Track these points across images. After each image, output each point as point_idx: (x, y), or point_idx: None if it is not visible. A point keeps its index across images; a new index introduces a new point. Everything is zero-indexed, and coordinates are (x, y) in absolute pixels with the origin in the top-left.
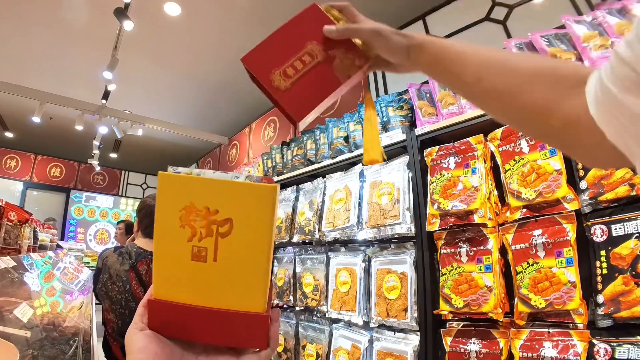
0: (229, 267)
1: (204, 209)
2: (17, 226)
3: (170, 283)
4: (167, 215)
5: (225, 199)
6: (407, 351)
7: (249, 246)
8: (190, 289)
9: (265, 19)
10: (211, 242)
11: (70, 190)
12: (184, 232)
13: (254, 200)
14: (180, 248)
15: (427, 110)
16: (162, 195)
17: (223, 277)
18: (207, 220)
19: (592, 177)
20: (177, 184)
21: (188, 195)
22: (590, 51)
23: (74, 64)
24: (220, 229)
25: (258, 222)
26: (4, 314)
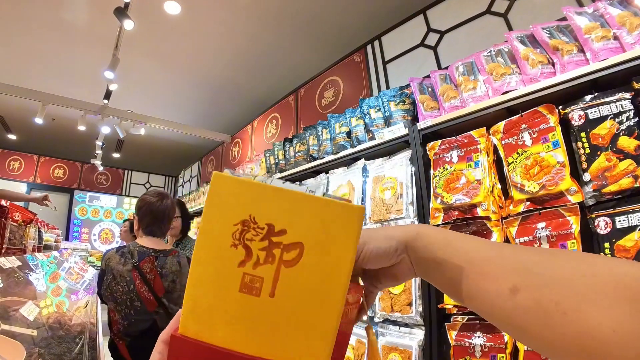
0: (290, 307)
1: (267, 227)
2: (22, 226)
3: (206, 317)
4: (216, 229)
5: (297, 217)
6: (412, 345)
7: (320, 282)
8: (231, 328)
9: (266, 16)
10: (270, 270)
11: (73, 191)
12: (236, 254)
13: (338, 222)
14: (226, 273)
15: (429, 104)
16: (213, 202)
17: (279, 319)
18: (269, 242)
19: (595, 170)
20: (236, 189)
21: (248, 206)
22: (592, 43)
23: (75, 65)
24: (285, 255)
25: (338, 251)
26: (11, 313)
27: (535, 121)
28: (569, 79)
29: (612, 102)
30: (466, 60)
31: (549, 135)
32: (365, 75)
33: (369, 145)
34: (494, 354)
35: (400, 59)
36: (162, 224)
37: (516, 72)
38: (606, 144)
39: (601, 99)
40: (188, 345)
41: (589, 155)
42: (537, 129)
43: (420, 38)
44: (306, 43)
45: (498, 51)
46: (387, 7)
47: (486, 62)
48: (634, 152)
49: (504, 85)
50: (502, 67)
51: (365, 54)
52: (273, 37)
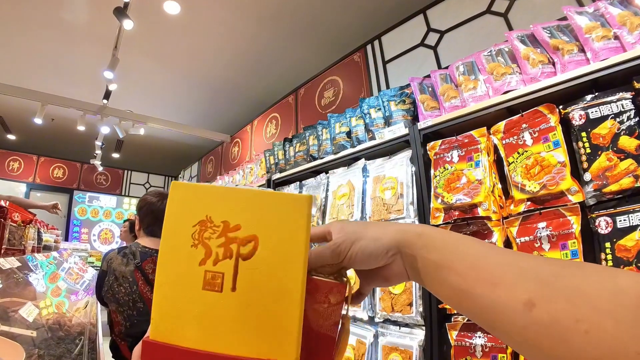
0: (252, 299)
1: (222, 224)
2: (21, 227)
3: (174, 319)
4: (177, 232)
5: (248, 212)
6: (412, 346)
7: (278, 271)
8: (199, 327)
9: (265, 15)
10: (230, 265)
11: (73, 191)
12: (196, 253)
13: (287, 213)
14: (189, 273)
15: (429, 104)
16: (172, 208)
17: (243, 313)
18: (225, 238)
19: (596, 169)
20: (192, 193)
21: (204, 207)
22: (593, 42)
23: (75, 65)
24: (241, 249)
25: (290, 240)
26: (10, 314)
27: (536, 121)
28: (570, 79)
29: (613, 102)
30: (466, 60)
31: (549, 134)
32: (365, 75)
33: (369, 145)
34: (495, 354)
35: (400, 58)
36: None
37: (517, 72)
38: (607, 143)
39: (602, 99)
40: (159, 350)
41: (589, 155)
42: (537, 129)
43: (420, 38)
44: (306, 43)
45: (498, 51)
46: (387, 7)
47: (486, 62)
48: (634, 151)
49: (504, 85)
50: (503, 66)
51: (365, 54)
52: (272, 36)
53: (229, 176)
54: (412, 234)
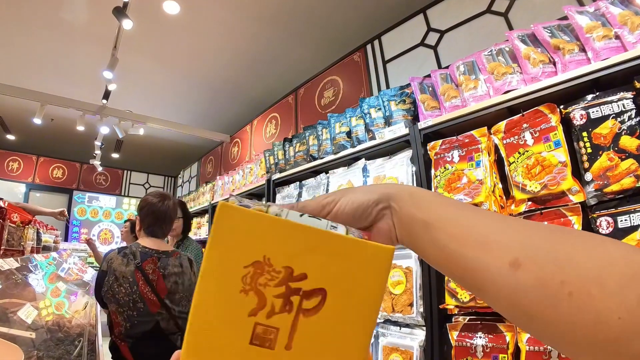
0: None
1: (284, 270)
2: (20, 227)
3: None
4: (223, 271)
5: (319, 258)
6: (413, 346)
7: (344, 331)
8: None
9: (265, 15)
10: (287, 320)
11: (72, 191)
12: (246, 301)
13: (366, 265)
14: (235, 323)
15: (429, 104)
16: (219, 239)
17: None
18: (286, 288)
19: (597, 169)
20: (247, 224)
21: (262, 246)
22: (594, 42)
23: (74, 65)
24: (305, 303)
25: (363, 298)
26: (9, 315)
27: (537, 121)
28: (571, 78)
29: (614, 102)
30: (467, 60)
31: (550, 134)
32: (365, 74)
33: (369, 145)
34: (496, 354)
35: (400, 58)
36: (164, 225)
37: (517, 72)
38: (608, 143)
39: (603, 99)
40: None
41: (590, 155)
42: (538, 129)
43: (420, 37)
44: (306, 43)
45: (499, 50)
46: (387, 7)
47: (487, 62)
48: (635, 151)
49: (505, 85)
50: (503, 66)
51: (365, 54)
52: (272, 36)
53: (229, 176)
54: (404, 191)
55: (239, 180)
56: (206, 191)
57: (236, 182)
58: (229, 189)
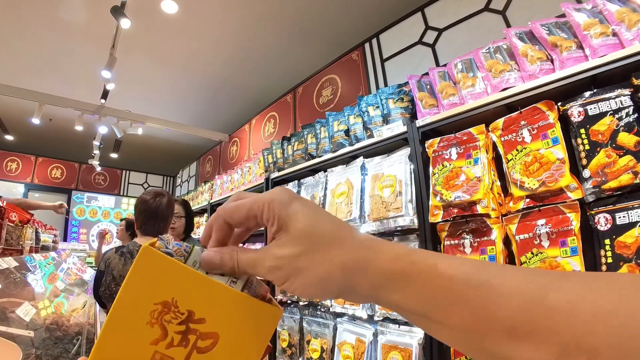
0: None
1: (187, 313)
2: (19, 227)
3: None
4: (136, 303)
5: (218, 309)
6: (412, 344)
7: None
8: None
9: (263, 14)
10: (182, 353)
11: (71, 191)
12: (150, 332)
13: (255, 320)
14: (138, 349)
15: (427, 102)
16: (137, 276)
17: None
18: (186, 327)
19: (595, 166)
20: (164, 268)
21: (172, 289)
22: (591, 39)
23: (72, 64)
24: (199, 342)
25: (249, 348)
26: (8, 314)
27: (535, 118)
28: (568, 75)
29: (612, 99)
30: (465, 57)
31: (548, 131)
32: (364, 73)
33: (367, 143)
34: None
35: (398, 56)
36: (156, 223)
37: (515, 69)
38: (606, 140)
39: (600, 95)
40: None
41: (588, 152)
42: (536, 126)
43: (418, 36)
44: (304, 41)
45: (497, 48)
46: (385, 5)
47: (485, 59)
48: (633, 148)
49: (502, 82)
50: (501, 63)
51: (363, 52)
52: (270, 35)
53: (228, 175)
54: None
55: (237, 180)
56: (205, 190)
57: (235, 181)
58: (228, 188)
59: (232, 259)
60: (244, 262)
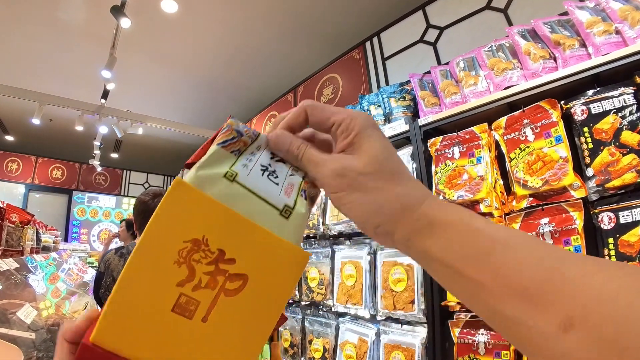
0: (219, 334)
1: (218, 252)
2: (19, 228)
3: (127, 329)
4: (164, 240)
5: (249, 249)
6: (414, 343)
7: (253, 315)
8: (153, 346)
9: (263, 13)
10: (209, 296)
11: (72, 192)
12: (178, 272)
13: (286, 264)
14: (163, 289)
15: (429, 100)
16: (167, 211)
17: (206, 344)
18: (215, 268)
19: (598, 164)
20: (196, 203)
21: (204, 226)
22: (594, 37)
23: (72, 64)
24: (228, 284)
25: (277, 292)
26: (8, 316)
27: (538, 116)
28: (571, 74)
29: (615, 97)
30: (467, 56)
31: (551, 130)
32: (365, 72)
33: None
34: (498, 350)
35: (399, 55)
36: None
37: (518, 67)
38: (609, 138)
39: (603, 94)
40: (100, 357)
41: (591, 150)
42: (539, 124)
43: (419, 34)
44: (304, 40)
45: (499, 46)
46: (386, 4)
47: (487, 57)
48: (637, 146)
49: (505, 81)
50: (504, 62)
51: (364, 51)
52: (271, 34)
53: None
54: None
55: None
56: None
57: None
58: None
59: (299, 148)
60: (310, 156)
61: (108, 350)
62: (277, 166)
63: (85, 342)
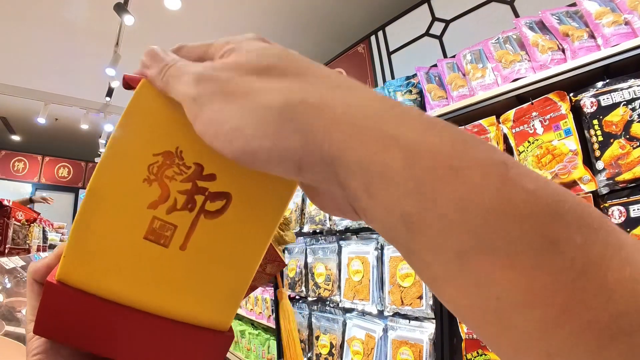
0: (200, 263)
1: (195, 167)
2: (25, 226)
3: (95, 264)
4: (130, 153)
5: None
6: (422, 339)
7: (239, 241)
8: (124, 279)
9: (268, 9)
10: (187, 219)
11: (78, 190)
12: (148, 192)
13: (272, 184)
14: (131, 213)
15: (436, 94)
16: (132, 118)
17: (186, 275)
18: (192, 185)
19: (608, 157)
20: (168, 109)
21: (177, 136)
22: (603, 28)
23: (77, 63)
24: (208, 205)
25: (266, 212)
26: (15, 314)
27: (546, 109)
28: (580, 66)
29: (625, 89)
30: (474, 48)
31: (560, 122)
32: (370, 66)
33: None
34: None
35: (405, 49)
36: None
37: (525, 59)
38: (619, 131)
39: (613, 85)
40: (68, 296)
41: (601, 143)
42: (548, 117)
43: (425, 28)
44: (309, 36)
45: (506, 38)
46: None
47: (494, 50)
48: None
49: (513, 73)
50: (511, 54)
51: (369, 45)
52: (275, 30)
53: None
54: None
55: None
56: None
57: None
58: None
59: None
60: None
61: (75, 288)
62: None
63: (49, 280)
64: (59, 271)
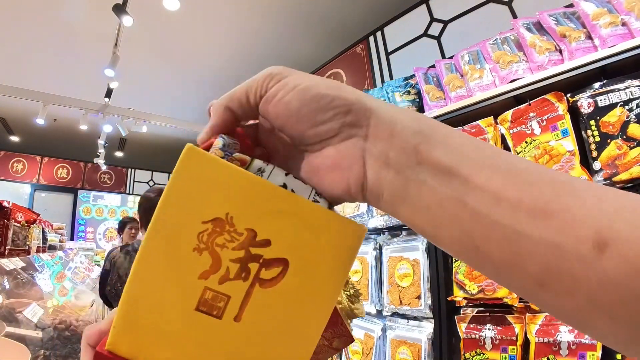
0: (257, 336)
1: (247, 233)
2: (25, 227)
3: (145, 335)
4: (178, 223)
5: (288, 227)
6: (421, 339)
7: (299, 311)
8: (177, 351)
9: (266, 9)
10: (241, 289)
11: (77, 191)
12: (199, 261)
13: (336, 241)
14: (182, 284)
15: (434, 94)
16: (179, 186)
17: (241, 349)
18: (245, 253)
19: (606, 158)
20: (216, 174)
21: (227, 202)
22: (600, 29)
23: (75, 63)
24: (263, 272)
25: (327, 277)
26: (16, 315)
27: (544, 109)
28: (578, 66)
29: (622, 89)
30: (472, 49)
31: (557, 123)
32: (368, 66)
33: None
34: (505, 346)
35: (403, 49)
36: None
37: (523, 60)
38: (616, 131)
39: (610, 86)
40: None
41: (598, 144)
42: (545, 117)
43: (423, 28)
44: (308, 36)
45: (504, 39)
46: None
47: (492, 51)
48: None
49: (511, 74)
50: (509, 55)
51: (367, 46)
52: (274, 30)
53: None
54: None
55: None
56: None
57: None
58: None
59: None
60: None
61: (125, 358)
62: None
63: (99, 350)
64: (109, 340)
